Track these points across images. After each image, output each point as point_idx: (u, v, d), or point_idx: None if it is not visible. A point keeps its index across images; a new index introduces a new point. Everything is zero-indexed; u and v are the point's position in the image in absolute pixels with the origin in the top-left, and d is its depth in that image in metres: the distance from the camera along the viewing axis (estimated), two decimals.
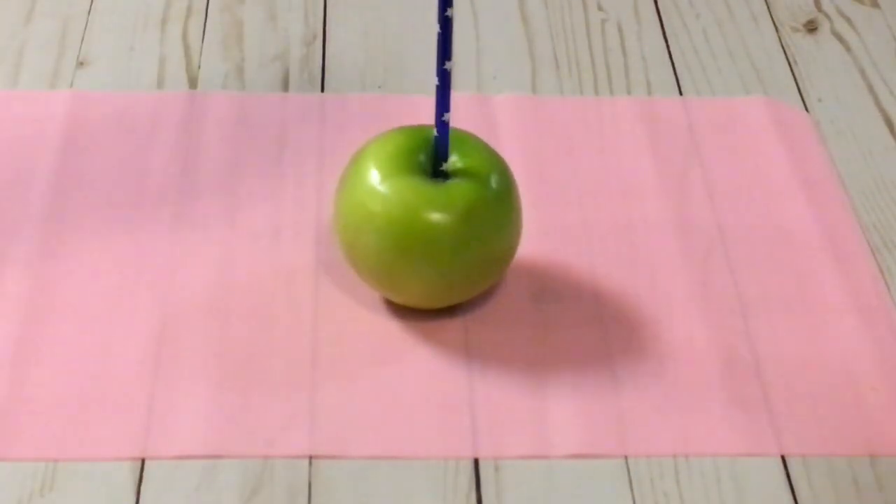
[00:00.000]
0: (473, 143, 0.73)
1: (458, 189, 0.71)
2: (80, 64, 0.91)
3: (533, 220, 0.78)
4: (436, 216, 0.70)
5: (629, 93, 0.90)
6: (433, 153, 0.72)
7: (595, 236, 0.80)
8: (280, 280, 0.76)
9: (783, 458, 0.68)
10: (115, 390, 0.70)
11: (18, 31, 0.93)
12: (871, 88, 0.92)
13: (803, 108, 0.90)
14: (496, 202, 0.72)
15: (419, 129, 0.73)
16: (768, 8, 0.99)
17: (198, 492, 0.66)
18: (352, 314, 0.74)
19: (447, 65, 0.69)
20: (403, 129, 0.73)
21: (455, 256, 0.71)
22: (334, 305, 0.75)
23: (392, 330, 0.74)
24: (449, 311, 0.74)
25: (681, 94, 0.91)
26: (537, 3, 0.98)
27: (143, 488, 0.66)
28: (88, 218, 0.79)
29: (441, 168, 0.72)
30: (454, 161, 0.72)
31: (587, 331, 0.74)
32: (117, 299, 0.74)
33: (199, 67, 0.91)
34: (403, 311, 0.74)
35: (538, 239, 0.78)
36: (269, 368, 0.71)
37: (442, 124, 0.71)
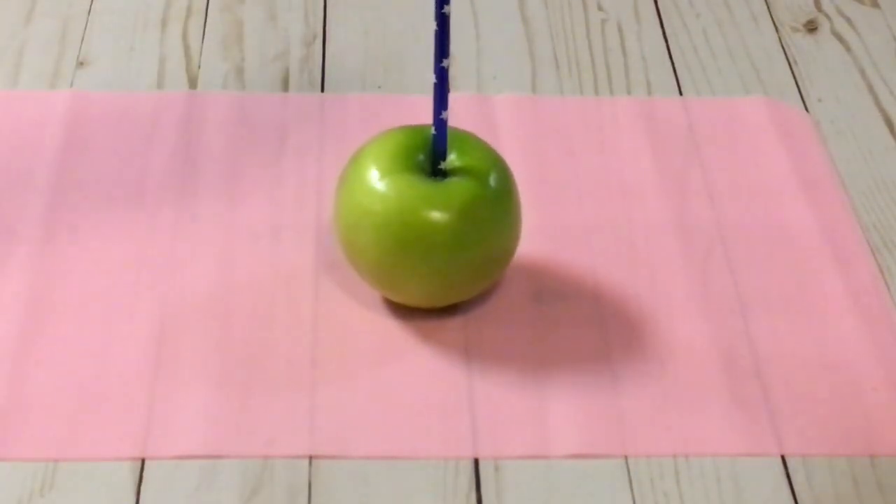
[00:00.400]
0: (473, 142, 0.73)
1: (456, 187, 0.71)
2: (80, 64, 0.91)
3: (533, 220, 0.78)
4: (434, 214, 0.70)
5: (629, 93, 0.90)
6: (432, 152, 0.72)
7: (595, 236, 0.79)
8: (280, 280, 0.76)
9: (783, 458, 0.68)
10: (115, 390, 0.70)
11: (18, 31, 0.93)
12: (871, 88, 0.92)
13: (803, 108, 0.90)
14: (495, 201, 0.72)
15: (419, 128, 0.73)
16: (768, 8, 0.99)
17: (198, 492, 0.66)
18: (352, 314, 0.74)
19: (444, 62, 0.69)
20: (403, 129, 0.73)
21: (453, 255, 0.71)
22: (334, 305, 0.75)
23: (392, 330, 0.73)
24: (449, 310, 0.74)
25: (681, 94, 0.91)
26: (537, 3, 0.98)
27: (143, 488, 0.66)
28: (88, 218, 0.79)
29: (439, 166, 0.72)
30: (453, 160, 0.72)
31: (587, 331, 0.74)
32: (117, 299, 0.74)
33: (199, 67, 0.91)
34: (403, 311, 0.74)
35: (538, 239, 0.78)
36: (269, 368, 0.71)
37: (440, 122, 0.71)
